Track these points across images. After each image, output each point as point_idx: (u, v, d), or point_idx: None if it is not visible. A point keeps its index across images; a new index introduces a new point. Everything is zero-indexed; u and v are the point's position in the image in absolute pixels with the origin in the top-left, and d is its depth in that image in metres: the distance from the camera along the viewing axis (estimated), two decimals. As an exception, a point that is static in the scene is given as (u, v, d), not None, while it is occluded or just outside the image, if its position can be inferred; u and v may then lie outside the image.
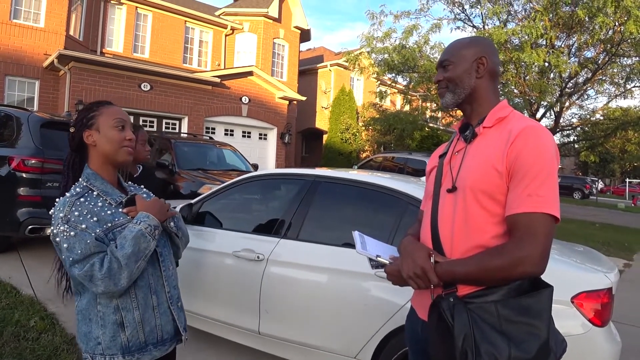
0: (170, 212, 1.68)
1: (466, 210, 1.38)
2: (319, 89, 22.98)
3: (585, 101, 14.19)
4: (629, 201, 32.53)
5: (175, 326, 1.68)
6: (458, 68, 1.49)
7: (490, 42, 1.58)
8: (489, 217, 1.34)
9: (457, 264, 1.32)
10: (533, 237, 1.23)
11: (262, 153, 16.61)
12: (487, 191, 1.34)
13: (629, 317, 5.05)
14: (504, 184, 1.32)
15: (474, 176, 1.38)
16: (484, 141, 1.43)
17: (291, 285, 2.91)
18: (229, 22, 18.67)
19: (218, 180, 7.32)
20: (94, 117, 1.61)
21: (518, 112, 1.48)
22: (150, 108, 13.57)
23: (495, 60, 1.51)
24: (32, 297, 4.31)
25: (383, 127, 18.36)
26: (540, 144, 1.30)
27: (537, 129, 1.34)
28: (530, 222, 1.24)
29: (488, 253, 1.29)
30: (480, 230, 1.35)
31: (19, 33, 12.76)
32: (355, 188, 3.09)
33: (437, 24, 11.98)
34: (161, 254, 1.66)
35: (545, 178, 1.27)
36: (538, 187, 1.25)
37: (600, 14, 8.95)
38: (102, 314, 1.51)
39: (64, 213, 1.46)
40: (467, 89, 1.48)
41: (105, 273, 1.42)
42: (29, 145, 5.60)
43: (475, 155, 1.42)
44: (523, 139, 1.31)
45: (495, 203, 1.33)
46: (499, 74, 1.55)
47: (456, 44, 1.56)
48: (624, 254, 9.51)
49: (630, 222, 16.81)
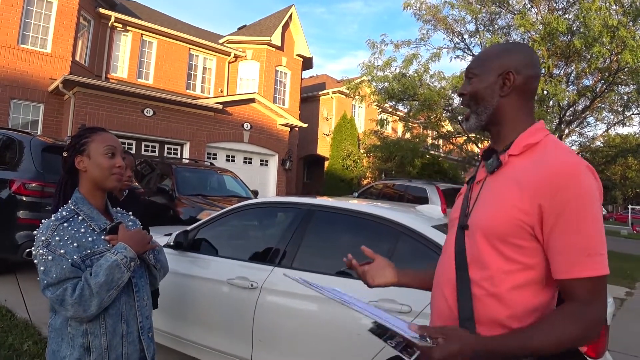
0: (150, 244, 1.71)
1: (479, 254, 1.21)
2: (320, 116, 23.19)
3: (584, 128, 14.30)
4: (632, 228, 32.35)
5: (142, 356, 1.69)
6: (481, 82, 1.29)
7: (528, 51, 1.32)
8: (505, 263, 1.17)
9: (538, 335, 1.09)
10: (600, 300, 1.09)
11: (263, 179, 16.66)
12: (504, 236, 1.16)
13: (631, 348, 4.97)
14: (530, 229, 1.13)
15: (490, 218, 1.20)
16: (508, 172, 1.22)
17: (285, 313, 2.89)
18: (233, 50, 18.98)
19: (218, 206, 7.34)
20: (86, 143, 1.65)
21: (554, 137, 1.25)
22: (153, 133, 13.69)
23: (529, 74, 1.27)
24: (27, 320, 4.29)
25: (384, 154, 18.44)
26: (586, 184, 1.10)
27: (580, 165, 1.12)
28: (594, 285, 1.09)
29: (557, 322, 1.09)
30: (495, 277, 1.17)
31: (26, 58, 13.00)
32: (350, 217, 3.10)
33: (437, 53, 12.15)
34: (136, 284, 1.68)
35: (598, 227, 1.09)
36: (594, 242, 1.08)
37: (596, 44, 9.07)
38: (72, 336, 1.54)
39: (45, 237, 1.51)
40: (489, 108, 1.28)
41: (76, 299, 1.46)
42: (30, 168, 5.65)
43: (494, 191, 1.24)
44: (564, 177, 1.10)
45: (515, 249, 1.15)
46: (534, 89, 1.31)
47: (486, 51, 1.36)
48: (626, 282, 9.43)
49: (633, 249, 16.69)
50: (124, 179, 3.24)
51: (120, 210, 1.84)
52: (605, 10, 9.11)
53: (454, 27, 12.54)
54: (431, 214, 3.32)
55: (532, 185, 1.12)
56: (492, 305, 1.17)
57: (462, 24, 12.46)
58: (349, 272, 2.84)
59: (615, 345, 4.51)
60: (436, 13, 12.33)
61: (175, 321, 3.41)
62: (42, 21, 13.34)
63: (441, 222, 3.07)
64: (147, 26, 16.52)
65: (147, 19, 17.14)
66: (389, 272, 1.53)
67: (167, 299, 3.27)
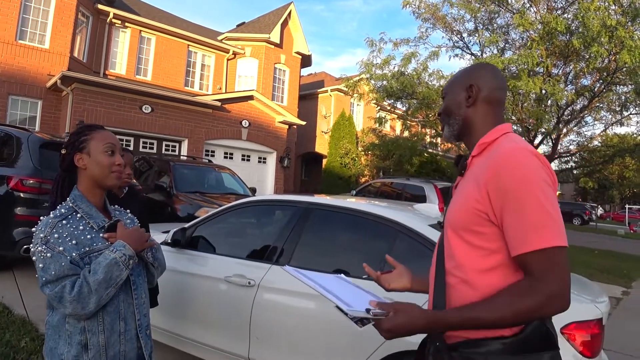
0: (148, 242, 1.71)
1: (449, 246, 1.32)
2: (319, 114, 23.18)
3: (582, 128, 14.34)
4: (629, 227, 32.46)
5: (140, 354, 1.69)
6: (450, 99, 1.45)
7: (487, 67, 1.46)
8: (470, 250, 1.26)
9: (481, 309, 1.16)
10: (556, 273, 1.12)
11: (261, 176, 16.67)
12: (466, 224, 1.25)
13: (627, 347, 4.99)
14: (485, 215, 1.21)
15: (454, 212, 1.32)
16: (471, 171, 1.34)
17: (282, 311, 2.90)
18: (231, 47, 18.96)
19: (215, 204, 7.33)
20: (86, 141, 1.65)
21: (513, 135, 1.34)
22: (151, 130, 13.68)
23: (492, 85, 1.40)
24: (24, 317, 4.29)
25: (382, 152, 18.46)
26: (525, 165, 1.17)
27: (520, 149, 1.21)
28: (546, 258, 1.12)
29: (513, 293, 1.15)
30: (464, 265, 1.27)
31: (24, 54, 12.97)
32: (347, 215, 3.11)
33: (436, 52, 12.15)
34: (134, 282, 1.69)
35: (542, 203, 1.14)
36: (539, 216, 1.13)
37: (595, 44, 9.09)
38: (70, 333, 1.54)
39: (44, 234, 1.51)
40: (458, 120, 1.42)
41: (74, 296, 1.46)
42: (28, 165, 5.63)
43: (460, 189, 1.36)
44: (503, 162, 1.19)
45: (477, 236, 1.24)
46: (499, 99, 1.42)
47: (455, 74, 1.54)
48: (623, 282, 9.46)
49: (630, 248, 16.75)
50: (124, 176, 3.26)
51: (118, 208, 1.84)
52: (604, 10, 9.12)
53: (452, 26, 12.56)
54: (428, 213, 3.33)
55: (482, 176, 1.22)
56: (464, 291, 1.25)
57: (461, 23, 12.51)
58: (346, 270, 2.85)
59: (611, 345, 4.53)
60: (435, 11, 12.35)
61: (173, 319, 3.41)
62: (40, 17, 13.30)
63: (439, 221, 3.08)
64: (146, 22, 16.49)
65: (146, 15, 17.10)
66: (406, 278, 1.62)
67: (164, 296, 3.27)
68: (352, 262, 2.98)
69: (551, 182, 1.20)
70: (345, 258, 3.09)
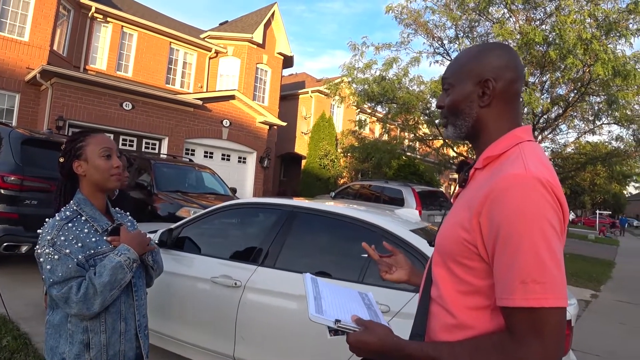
0: (150, 246, 1.78)
1: (434, 273, 1.17)
2: (299, 114, 23.23)
3: (557, 136, 14.73)
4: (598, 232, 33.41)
5: (138, 353, 1.76)
6: (457, 93, 1.16)
7: (505, 50, 1.17)
8: (456, 284, 1.08)
9: (444, 352, 1.02)
10: (541, 338, 0.91)
11: (240, 176, 16.64)
12: (453, 255, 1.08)
13: (594, 347, 5.21)
14: (474, 248, 1.03)
15: (443, 236, 1.14)
16: (470, 188, 1.12)
17: (267, 311, 2.98)
18: (214, 46, 18.89)
19: (196, 203, 7.34)
20: (82, 147, 1.69)
21: (529, 147, 1.08)
22: (131, 127, 13.55)
23: (510, 77, 1.12)
24: (5, 316, 4.26)
25: (361, 154, 18.66)
26: (526, 199, 0.94)
27: (525, 178, 0.96)
28: (530, 319, 0.92)
29: (481, 347, 0.99)
30: (445, 297, 1.11)
31: (2, 46, 12.70)
32: (331, 220, 3.21)
33: (417, 58, 12.39)
34: (135, 284, 1.75)
35: (538, 250, 0.92)
36: (530, 266, 0.91)
37: (570, 56, 9.38)
38: (72, 332, 1.59)
39: (51, 236, 1.56)
40: (468, 121, 1.16)
41: (80, 297, 1.52)
42: (9, 161, 5.58)
43: (455, 208, 1.16)
44: (501, 192, 0.97)
45: (465, 270, 1.06)
46: (517, 92, 1.15)
47: (460, 57, 1.21)
48: (592, 285, 9.80)
49: (599, 253, 17.28)
50: (123, 178, 3.30)
51: (119, 211, 1.90)
52: (580, 24, 9.43)
53: (434, 32, 12.78)
54: (409, 218, 3.46)
55: (476, 200, 1.02)
56: (447, 321, 1.11)
57: (442, 30, 12.74)
58: (328, 272, 2.96)
59: (579, 345, 4.75)
60: (417, 18, 12.56)
61: (158, 318, 3.45)
62: (20, 8, 13.05)
63: (419, 227, 3.21)
64: (128, 18, 16.31)
65: (128, 10, 16.91)
66: (405, 269, 1.52)
67: (150, 296, 3.31)
68: (335, 265, 3.09)
69: (558, 224, 0.97)
70: (329, 260, 3.20)
